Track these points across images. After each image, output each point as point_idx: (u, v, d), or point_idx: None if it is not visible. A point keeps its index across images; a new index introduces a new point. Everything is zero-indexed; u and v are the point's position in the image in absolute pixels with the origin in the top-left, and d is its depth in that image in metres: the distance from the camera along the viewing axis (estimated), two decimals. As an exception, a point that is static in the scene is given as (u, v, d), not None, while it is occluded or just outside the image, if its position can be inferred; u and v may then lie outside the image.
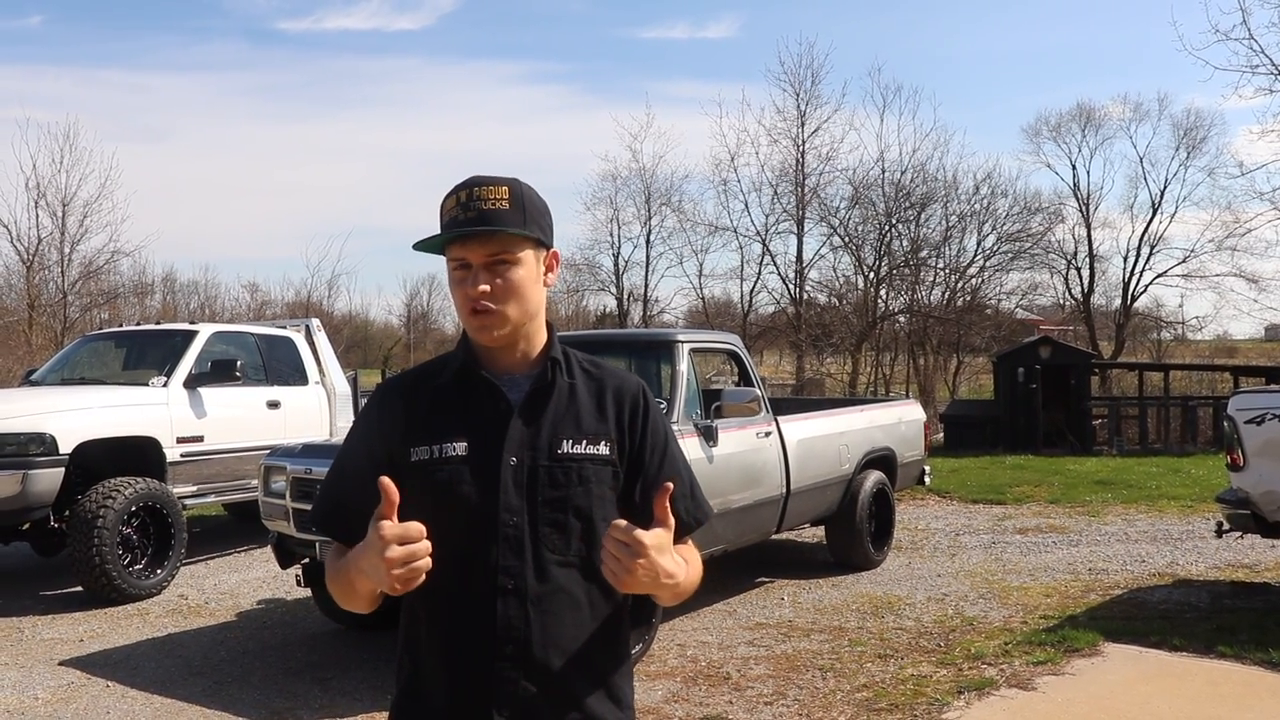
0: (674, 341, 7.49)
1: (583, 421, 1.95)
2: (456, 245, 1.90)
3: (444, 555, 1.79)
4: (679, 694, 5.69)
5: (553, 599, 1.86)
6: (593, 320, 33.91)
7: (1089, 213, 34.23)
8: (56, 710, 5.63)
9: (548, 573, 1.87)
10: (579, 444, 1.92)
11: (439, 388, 1.97)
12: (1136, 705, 5.31)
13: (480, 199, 1.89)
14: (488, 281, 1.89)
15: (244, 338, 10.45)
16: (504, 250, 1.90)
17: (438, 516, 1.80)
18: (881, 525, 9.03)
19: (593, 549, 1.87)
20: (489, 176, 1.93)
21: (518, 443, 1.89)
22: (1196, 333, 38.98)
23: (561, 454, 1.90)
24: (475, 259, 1.89)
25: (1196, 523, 10.79)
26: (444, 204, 1.93)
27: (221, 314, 33.98)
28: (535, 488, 1.88)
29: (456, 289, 1.92)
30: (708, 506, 2.08)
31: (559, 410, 1.94)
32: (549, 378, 1.96)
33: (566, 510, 1.89)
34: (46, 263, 25.78)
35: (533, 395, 1.94)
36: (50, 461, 7.88)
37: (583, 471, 1.91)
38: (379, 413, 1.99)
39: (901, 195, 26.60)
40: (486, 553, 1.86)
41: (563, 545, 1.88)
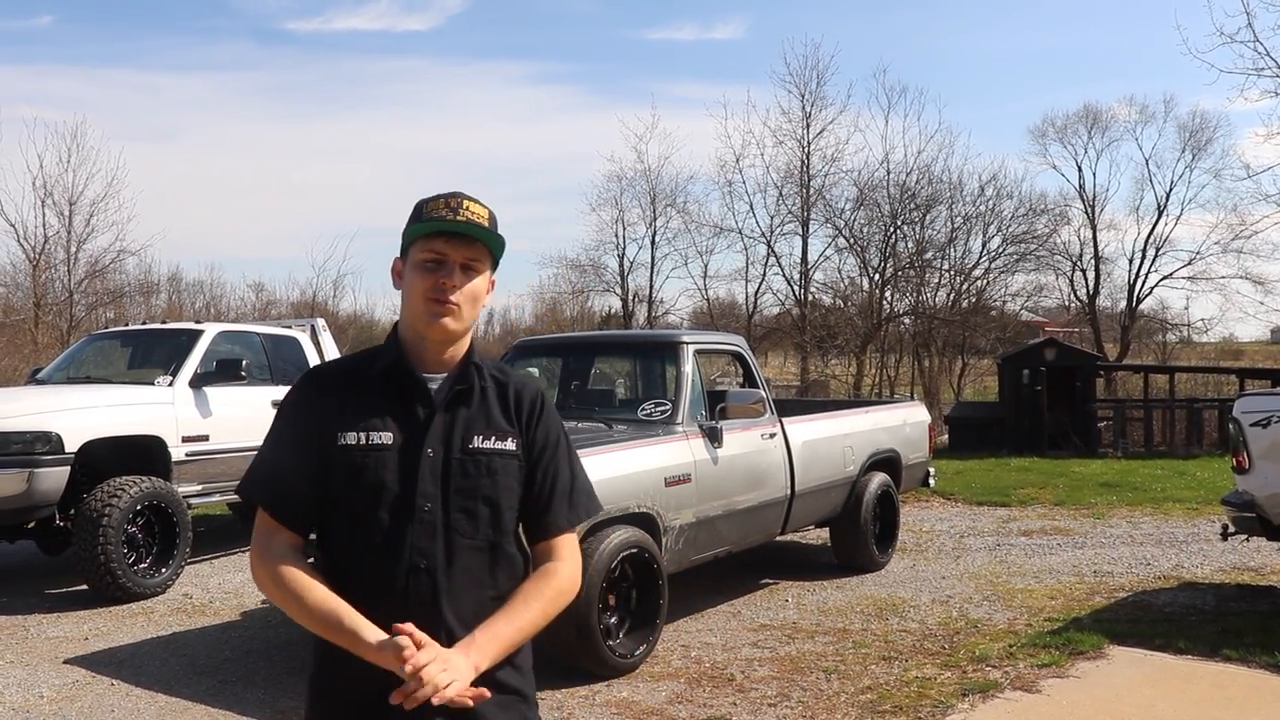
0: (679, 343, 7.49)
1: (492, 420, 2.17)
2: (439, 240, 2.11)
3: (362, 536, 2.07)
4: (683, 695, 5.69)
5: (461, 577, 2.07)
6: (598, 321, 33.90)
7: (1094, 215, 34.27)
8: (61, 709, 5.64)
9: (457, 554, 2.07)
10: (489, 439, 2.14)
11: (370, 379, 2.16)
12: (1141, 708, 5.30)
13: (467, 209, 2.13)
14: (460, 280, 2.11)
15: (249, 337, 10.46)
16: (477, 259, 2.15)
17: (360, 498, 2.07)
18: (886, 527, 9.02)
19: (499, 534, 2.12)
20: (472, 195, 2.18)
21: (436, 436, 2.11)
22: (1202, 335, 38.98)
23: (473, 448, 2.12)
24: (455, 257, 2.11)
25: (1202, 525, 10.77)
26: (427, 204, 2.15)
27: (227, 313, 33.97)
28: (449, 477, 2.09)
29: (424, 277, 2.11)
30: (591, 504, 2.29)
31: (473, 409, 2.16)
32: (469, 380, 2.17)
33: (476, 498, 2.10)
34: (53, 261, 25.81)
35: (454, 394, 2.15)
36: (56, 460, 7.88)
37: (491, 464, 2.13)
38: (308, 396, 2.17)
39: (906, 197, 26.61)
40: (403, 534, 2.05)
41: (471, 529, 2.10)
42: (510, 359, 8.40)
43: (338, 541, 2.11)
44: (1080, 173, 34.94)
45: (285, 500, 2.10)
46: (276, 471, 2.12)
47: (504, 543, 2.13)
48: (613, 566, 5.91)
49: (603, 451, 6.14)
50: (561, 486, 2.21)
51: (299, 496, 2.10)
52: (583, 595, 5.74)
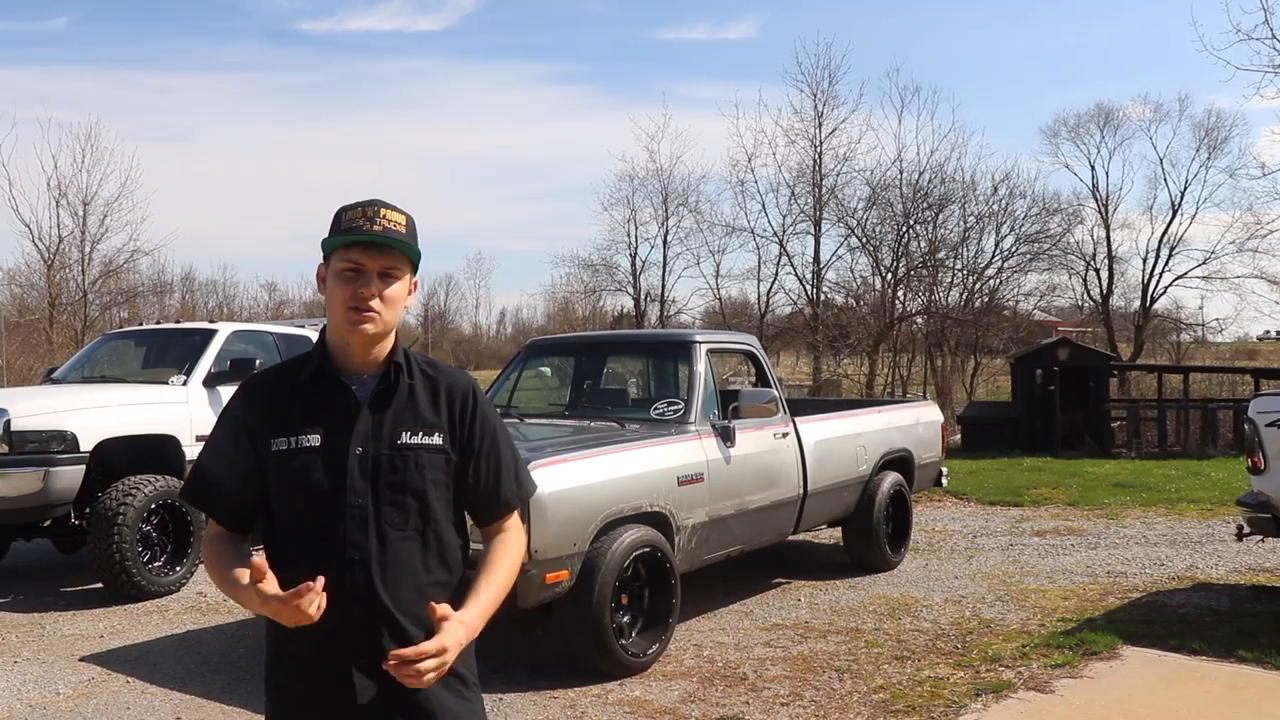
0: (691, 342, 7.49)
1: (420, 416, 2.26)
2: (356, 250, 2.19)
3: (301, 533, 2.19)
4: (695, 694, 5.69)
5: (394, 566, 2.17)
6: (610, 320, 33.94)
7: (1108, 214, 34.17)
8: (78, 705, 5.67)
9: (389, 545, 2.18)
10: (415, 435, 2.24)
11: (297, 385, 2.27)
12: (1155, 709, 5.29)
13: (384, 218, 2.20)
14: (378, 288, 2.20)
15: (263, 337, 10.49)
16: (395, 266, 2.23)
17: (294, 499, 2.20)
18: (898, 527, 9.00)
19: (428, 524, 2.23)
20: (390, 202, 2.25)
21: (363, 435, 2.21)
22: (1217, 335, 38.81)
23: (400, 444, 2.22)
24: (372, 266, 2.20)
25: (1216, 526, 10.73)
26: (344, 213, 2.23)
27: (240, 313, 34.14)
28: (378, 473, 2.19)
29: (343, 286, 2.20)
30: (530, 484, 2.44)
31: (400, 406, 2.26)
32: (392, 378, 2.27)
33: (405, 492, 2.21)
34: (67, 261, 25.98)
35: (378, 394, 2.25)
36: (71, 459, 7.93)
37: (419, 459, 2.23)
38: (245, 405, 2.29)
39: (919, 196, 26.50)
40: (336, 530, 2.17)
41: (401, 521, 2.20)
42: (523, 358, 8.42)
43: (279, 540, 2.24)
44: (1093, 172, 34.95)
45: (220, 504, 2.27)
46: (210, 477, 2.27)
47: (434, 531, 2.24)
48: (625, 566, 5.92)
49: (615, 451, 6.15)
50: (506, 470, 2.35)
51: (232, 498, 2.26)
52: (595, 594, 5.76)
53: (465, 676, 2.27)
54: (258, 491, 2.25)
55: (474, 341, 63.17)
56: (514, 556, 2.33)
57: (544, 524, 5.43)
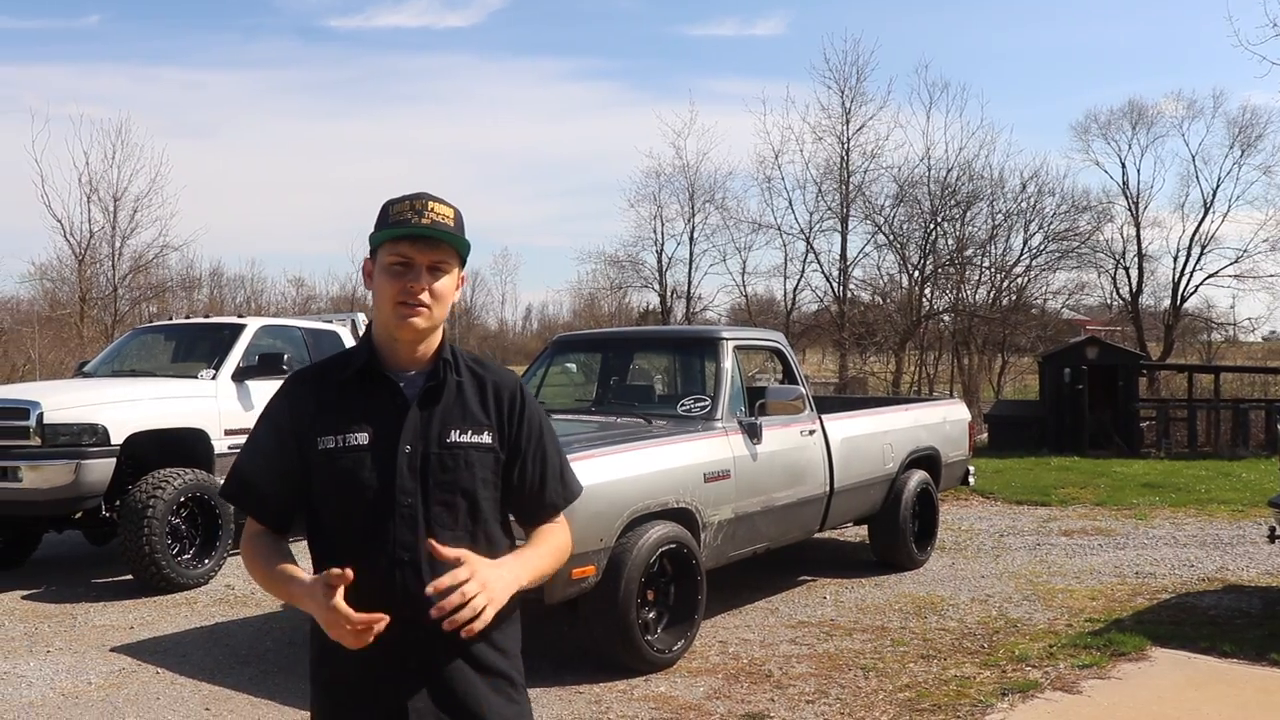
0: (719, 339, 7.48)
1: (469, 414, 2.22)
2: (405, 244, 2.14)
3: (348, 532, 2.14)
4: (720, 691, 5.69)
5: (444, 567, 2.05)
6: (635, 317, 33.93)
7: (1138, 211, 33.81)
8: (109, 695, 5.73)
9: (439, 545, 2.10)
10: (465, 433, 2.19)
11: (344, 382, 2.22)
12: (1185, 712, 5.25)
13: (432, 211, 2.15)
14: (427, 282, 2.15)
15: (291, 331, 10.56)
16: (444, 260, 2.18)
17: (342, 498, 2.14)
18: (925, 525, 8.97)
19: (478, 524, 2.19)
20: (437, 195, 2.20)
21: (412, 433, 2.16)
22: (1248, 334, 38.40)
23: (450, 442, 2.17)
24: (421, 260, 2.15)
25: (1247, 527, 10.63)
26: (391, 206, 2.18)
27: (267, 308, 34.33)
28: (427, 472, 2.15)
29: (392, 281, 2.15)
30: (576, 485, 2.41)
31: (448, 404, 2.21)
32: (440, 375, 2.22)
33: (455, 491, 2.16)
34: (98, 256, 26.17)
35: (426, 391, 2.20)
36: (102, 452, 8.02)
37: (468, 457, 2.18)
38: (289, 403, 2.23)
39: (947, 193, 26.34)
40: (385, 530, 2.12)
41: (451, 521, 2.15)
42: (549, 354, 8.43)
43: (324, 541, 2.19)
44: (1124, 169, 34.52)
45: (260, 502, 2.23)
46: (251, 476, 2.23)
47: (483, 531, 2.20)
48: (651, 562, 5.92)
49: (642, 447, 6.15)
50: (552, 471, 2.32)
51: (272, 497, 2.22)
52: (621, 590, 5.76)
53: (514, 678, 2.23)
54: (298, 490, 2.21)
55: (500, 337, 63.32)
56: (560, 542, 2.32)
57: (570, 519, 5.42)
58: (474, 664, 2.15)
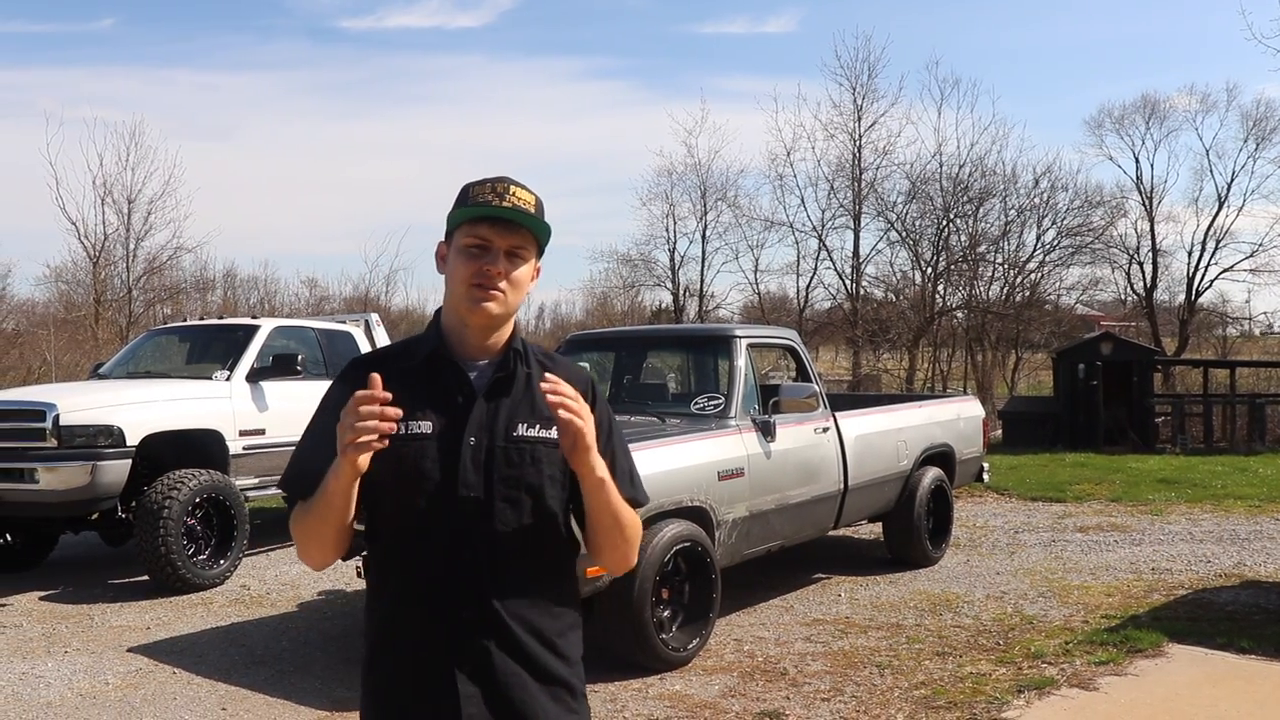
0: (732, 337, 7.48)
1: (537, 408, 2.09)
2: (485, 225, 2.06)
3: (407, 527, 2.04)
4: (736, 689, 5.69)
5: (508, 568, 2.02)
6: (648, 315, 33.89)
7: (1152, 206, 33.55)
8: (126, 695, 5.76)
9: (501, 544, 2.03)
10: (533, 428, 2.09)
11: (409, 369, 2.11)
12: (1203, 708, 5.22)
13: (514, 195, 2.07)
14: (504, 268, 2.07)
15: (304, 332, 10.59)
16: (523, 246, 2.09)
17: (402, 489, 2.03)
18: (939, 522, 8.95)
19: (543, 522, 2.08)
20: (519, 180, 2.11)
21: (478, 424, 2.06)
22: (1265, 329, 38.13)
23: (517, 436, 2.07)
24: (500, 243, 2.06)
25: (1264, 523, 10.58)
26: (472, 188, 2.10)
27: (281, 309, 34.36)
28: (492, 466, 2.05)
29: (467, 262, 2.06)
30: (644, 491, 2.26)
31: (517, 397, 2.11)
32: (510, 367, 2.13)
33: (520, 487, 2.06)
34: (112, 258, 26.32)
35: (495, 382, 2.11)
36: (118, 453, 8.05)
37: (535, 453, 2.08)
38: (350, 388, 2.05)
39: (960, 189, 26.31)
40: (445, 524, 2.02)
41: (515, 518, 2.05)
42: (562, 353, 8.42)
43: (383, 532, 2.09)
44: (1137, 164, 34.25)
45: None
46: (310, 466, 2.06)
47: (548, 530, 2.09)
48: (665, 560, 5.92)
49: (656, 445, 6.15)
50: (621, 471, 2.17)
51: None
52: (636, 588, 5.76)
53: (575, 687, 2.12)
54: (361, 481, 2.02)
55: (513, 337, 63.18)
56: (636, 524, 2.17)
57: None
58: (533, 670, 2.04)
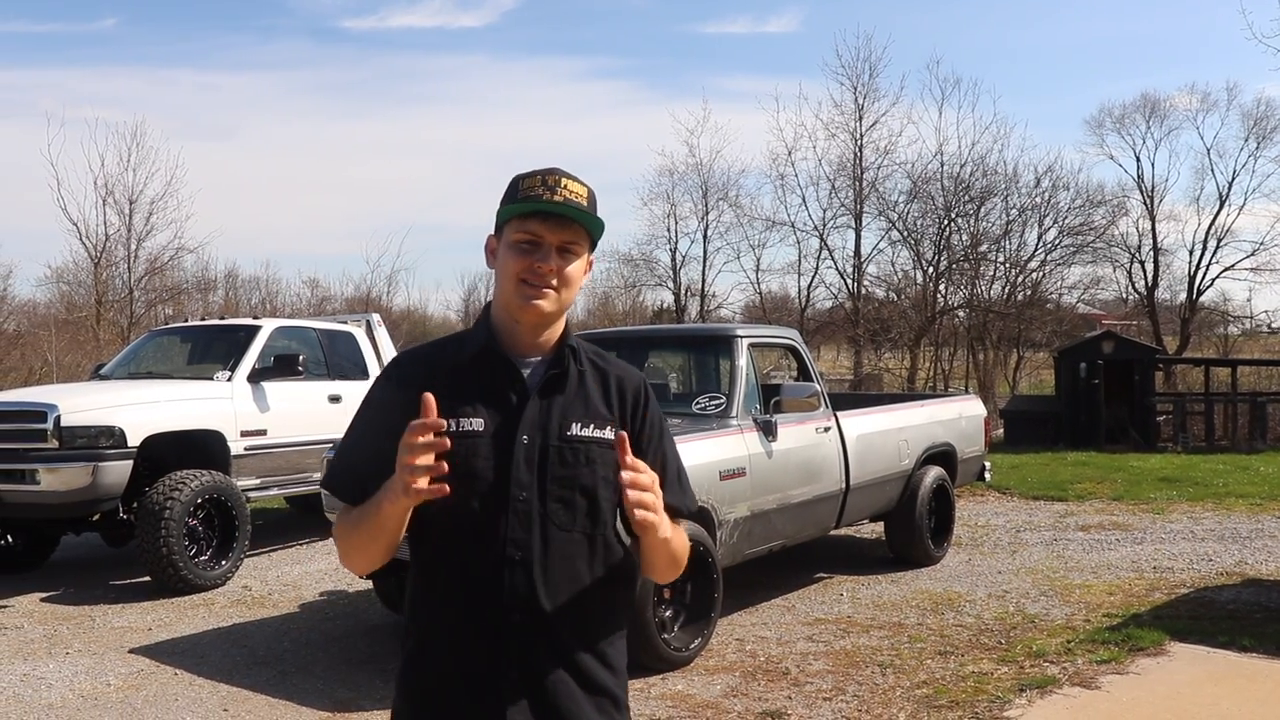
0: (733, 336, 7.48)
1: (590, 407, 2.06)
2: (535, 220, 2.00)
3: (456, 528, 1.97)
4: (738, 689, 5.69)
5: (558, 570, 1.96)
6: (650, 315, 33.90)
7: (1153, 205, 33.52)
8: (127, 696, 5.76)
9: (553, 546, 1.97)
10: (586, 427, 2.03)
11: (459, 365, 2.05)
12: (1204, 706, 5.22)
13: (565, 188, 2.00)
14: (556, 264, 2.00)
15: (306, 333, 10.59)
16: (575, 241, 2.03)
17: (454, 488, 1.90)
18: (941, 521, 8.95)
19: (596, 525, 2.02)
20: (570, 172, 2.04)
21: (531, 422, 2.00)
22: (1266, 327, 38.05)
23: (571, 435, 2.02)
24: (551, 239, 2.00)
25: (1266, 521, 10.57)
26: (521, 181, 2.03)
27: (283, 309, 34.36)
28: (545, 465, 1.98)
29: (518, 259, 2.00)
30: (693, 495, 2.22)
31: (570, 395, 2.05)
32: (564, 364, 2.07)
33: (574, 488, 2.00)
34: (114, 259, 26.29)
35: (548, 380, 2.05)
36: (119, 454, 8.05)
37: (589, 453, 2.02)
38: (398, 383, 2.06)
39: (961, 189, 26.29)
40: (497, 525, 1.95)
41: (568, 520, 1.99)
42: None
43: (430, 533, 2.00)
44: (1138, 163, 34.22)
45: (364, 493, 1.96)
46: (358, 465, 2.02)
47: (601, 534, 2.03)
48: (667, 560, 5.91)
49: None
50: (671, 473, 2.12)
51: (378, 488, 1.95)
52: (638, 588, 5.75)
53: (619, 699, 2.06)
54: None
55: (514, 337, 63.16)
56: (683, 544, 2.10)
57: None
58: (580, 679, 1.98)
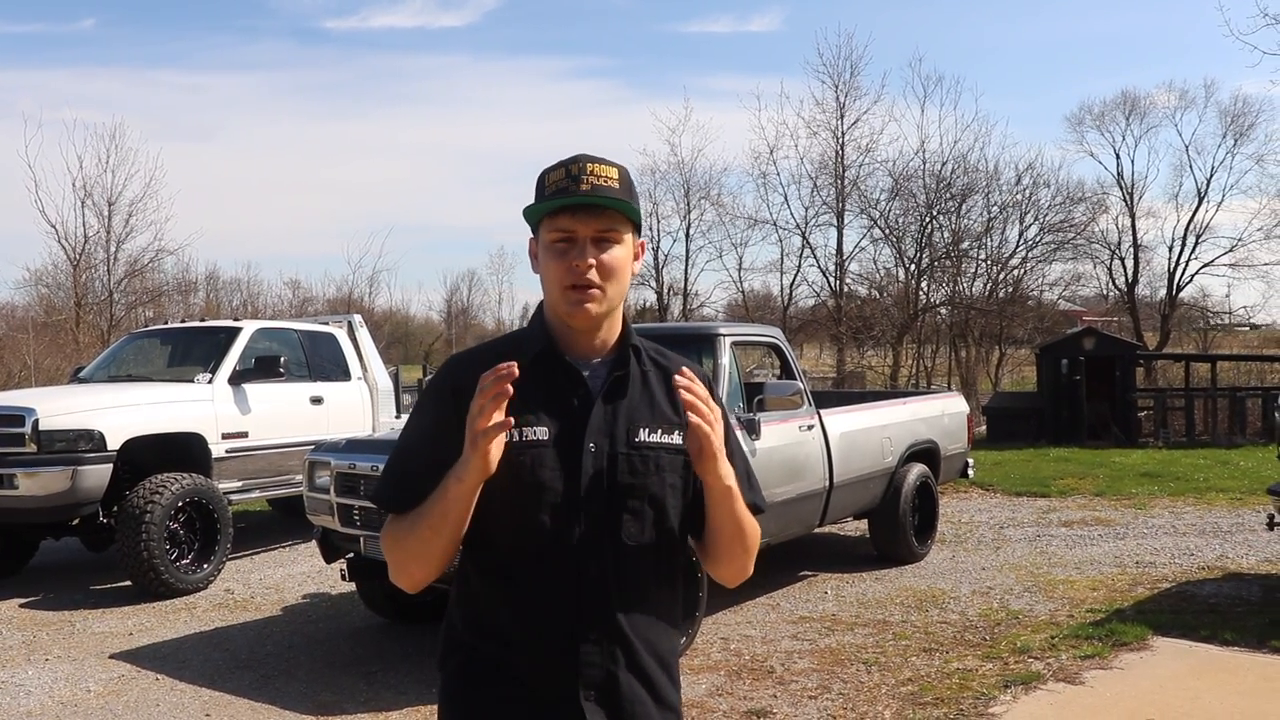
0: (716, 335, 7.47)
1: (656, 410, 1.95)
2: (564, 216, 1.87)
3: (523, 543, 1.86)
4: (723, 688, 5.68)
5: (631, 584, 1.88)
6: (633, 315, 33.89)
7: (1133, 202, 33.69)
8: (108, 702, 5.71)
9: (626, 559, 1.88)
10: (655, 433, 1.92)
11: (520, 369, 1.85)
12: (1187, 700, 5.24)
13: (592, 174, 1.87)
14: (594, 256, 1.87)
15: (287, 334, 10.53)
16: (613, 228, 1.89)
17: (519, 500, 1.84)
18: (925, 518, 8.97)
19: (663, 536, 1.92)
20: (598, 156, 1.91)
21: (598, 430, 1.89)
22: (1244, 323, 38.35)
23: (639, 442, 1.90)
24: (584, 232, 1.87)
25: (1246, 515, 10.63)
26: (547, 176, 1.91)
27: (264, 311, 34.28)
28: (615, 475, 1.87)
29: (556, 261, 1.88)
30: (763, 498, 2.11)
31: (634, 399, 1.94)
32: (627, 365, 1.95)
33: (643, 497, 1.89)
34: (93, 261, 26.09)
35: (612, 383, 1.93)
36: (99, 458, 7.99)
37: (659, 460, 1.91)
38: (453, 387, 1.91)
39: (942, 186, 26.35)
40: (568, 537, 1.85)
41: (638, 531, 1.89)
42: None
43: (494, 547, 1.90)
44: (1118, 160, 34.39)
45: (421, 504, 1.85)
46: (413, 475, 1.88)
47: (667, 545, 1.94)
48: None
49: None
50: (741, 473, 2.01)
51: None
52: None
53: (681, 714, 2.02)
54: None
55: (497, 337, 63.23)
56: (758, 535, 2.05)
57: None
58: (654, 695, 1.92)
